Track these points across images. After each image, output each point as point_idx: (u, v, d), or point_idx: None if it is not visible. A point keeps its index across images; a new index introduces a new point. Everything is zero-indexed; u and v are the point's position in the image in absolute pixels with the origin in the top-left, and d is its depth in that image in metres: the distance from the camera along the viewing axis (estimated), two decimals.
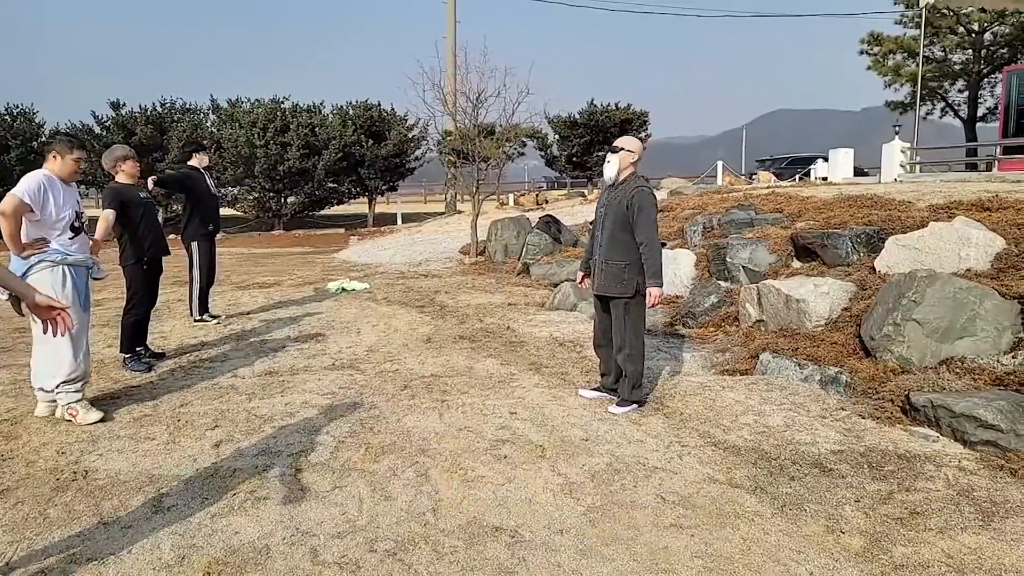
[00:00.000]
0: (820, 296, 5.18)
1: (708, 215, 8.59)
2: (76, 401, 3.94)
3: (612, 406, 4.21)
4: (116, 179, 5.30)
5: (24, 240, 3.76)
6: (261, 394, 4.55)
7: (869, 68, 28.85)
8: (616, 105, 28.46)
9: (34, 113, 24.46)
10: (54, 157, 3.92)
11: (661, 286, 4.03)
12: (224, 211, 11.51)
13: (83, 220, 4.05)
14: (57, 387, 3.91)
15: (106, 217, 5.07)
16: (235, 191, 24.97)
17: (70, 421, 3.92)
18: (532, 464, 3.42)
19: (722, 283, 6.64)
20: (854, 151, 18.51)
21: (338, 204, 27.40)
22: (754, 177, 22.61)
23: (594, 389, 4.49)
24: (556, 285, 8.18)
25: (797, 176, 21.15)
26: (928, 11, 17.09)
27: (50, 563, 2.55)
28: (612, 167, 4.17)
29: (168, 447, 3.64)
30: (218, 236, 7.03)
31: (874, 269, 5.58)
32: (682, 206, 10.08)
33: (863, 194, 7.99)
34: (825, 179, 17.83)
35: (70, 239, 3.92)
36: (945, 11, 22.81)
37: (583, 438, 3.76)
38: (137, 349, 5.24)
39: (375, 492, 3.13)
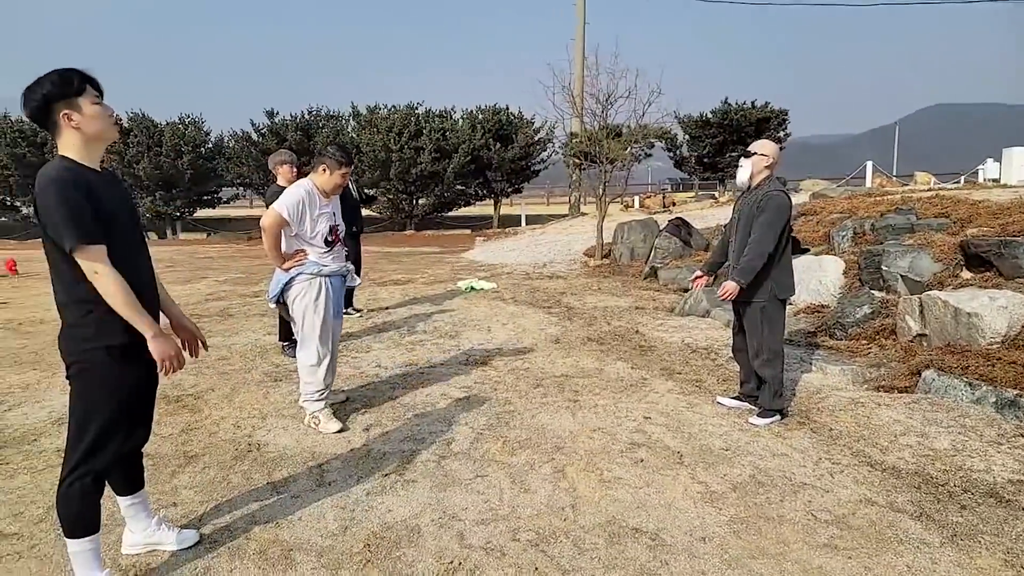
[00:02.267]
0: (997, 310, 4.69)
1: (859, 219, 8.02)
2: (320, 411, 3.93)
3: (753, 417, 4.07)
4: (277, 181, 5.74)
5: (285, 251, 3.80)
6: (403, 384, 4.78)
7: None
8: (752, 103, 27.22)
9: (203, 122, 27.10)
10: (323, 171, 3.84)
11: (740, 286, 3.91)
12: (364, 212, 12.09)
13: (339, 233, 3.99)
14: (304, 392, 3.94)
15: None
16: (372, 192, 26.35)
17: (314, 427, 3.92)
18: (670, 470, 3.37)
19: (876, 293, 6.19)
20: None
21: (465, 206, 28.21)
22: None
23: (733, 398, 4.35)
24: (686, 290, 7.98)
25: (962, 179, 19.29)
26: None
27: (234, 522, 2.84)
28: (745, 171, 4.07)
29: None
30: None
31: None
32: (828, 209, 9.48)
33: None
34: (996, 181, 16.17)
35: (325, 252, 3.87)
36: None
37: (723, 447, 3.65)
38: (293, 337, 5.65)
39: (515, 484, 3.20)
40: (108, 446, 2.21)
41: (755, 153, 4.02)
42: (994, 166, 18.47)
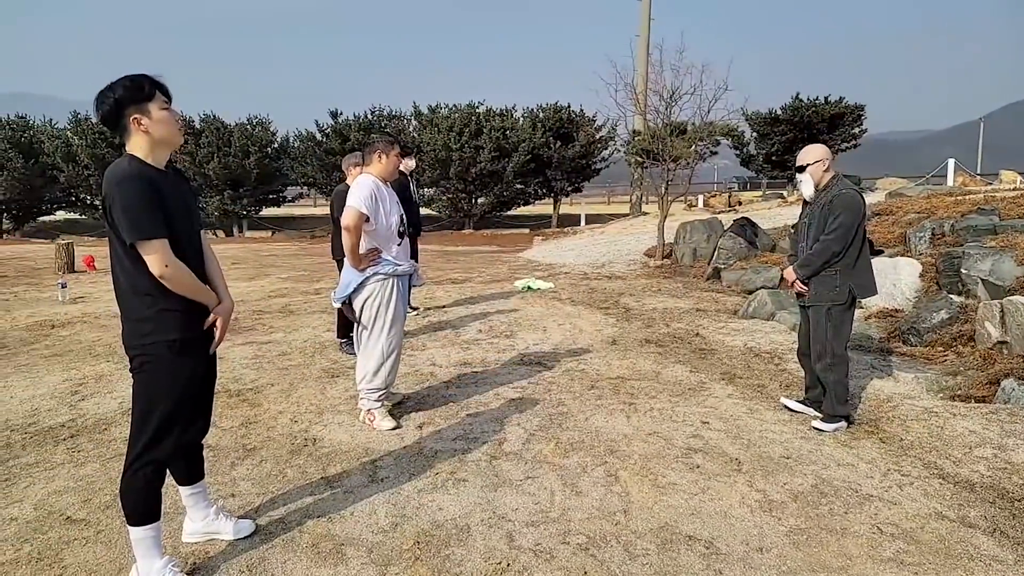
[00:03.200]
0: None
1: (938, 220, 7.63)
2: (376, 407, 3.95)
3: (817, 422, 3.93)
4: (346, 180, 5.84)
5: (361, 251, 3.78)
6: (457, 383, 4.82)
7: None
8: (825, 99, 26.19)
9: (269, 122, 28.07)
10: (379, 158, 3.85)
11: (801, 279, 3.92)
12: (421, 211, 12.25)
13: (406, 225, 4.00)
14: (362, 389, 3.95)
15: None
16: (431, 192, 26.72)
17: (368, 424, 3.95)
18: (727, 477, 3.27)
19: (954, 297, 5.86)
20: None
21: (524, 205, 28.28)
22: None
23: (799, 401, 4.20)
24: (751, 292, 7.75)
25: None
26: None
27: (288, 515, 2.91)
28: (808, 184, 3.98)
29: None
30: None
31: None
32: (904, 209, 9.05)
33: None
34: None
35: (398, 245, 3.88)
36: None
37: (783, 455, 3.52)
38: (351, 335, 5.77)
39: (566, 486, 3.17)
40: (169, 437, 2.29)
41: (808, 165, 3.95)
42: None
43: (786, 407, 4.19)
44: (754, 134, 27.54)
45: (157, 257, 2.13)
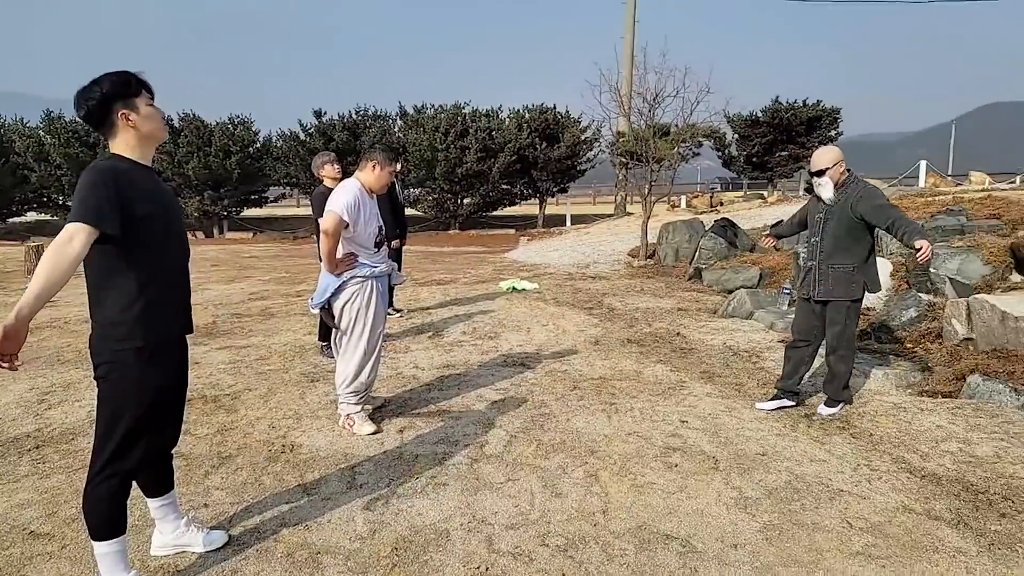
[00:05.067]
0: None
1: None
2: (356, 412, 3.95)
3: (821, 407, 4.19)
4: (323, 183, 5.85)
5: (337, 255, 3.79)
6: (439, 385, 4.85)
7: None
8: (803, 102, 26.58)
9: (251, 122, 27.85)
10: (373, 167, 3.86)
11: (927, 242, 3.65)
12: (406, 211, 12.26)
13: (384, 234, 4.01)
14: (342, 394, 3.94)
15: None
16: (416, 192, 26.68)
17: (347, 428, 3.94)
18: (704, 475, 3.34)
19: (923, 295, 6.00)
20: None
21: (510, 205, 28.29)
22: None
23: (772, 399, 4.29)
24: (731, 292, 7.85)
25: (1017, 179, 18.51)
26: None
27: (263, 524, 2.90)
28: (827, 188, 4.04)
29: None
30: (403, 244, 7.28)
31: None
32: None
33: None
34: None
35: (374, 253, 3.90)
36: None
37: (759, 452, 3.60)
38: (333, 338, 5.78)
39: (546, 488, 3.22)
40: (136, 447, 2.22)
41: (827, 168, 4.02)
42: None
43: (762, 410, 4.27)
44: (735, 136, 27.82)
45: (68, 236, 1.97)
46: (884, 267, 6.77)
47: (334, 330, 3.97)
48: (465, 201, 26.36)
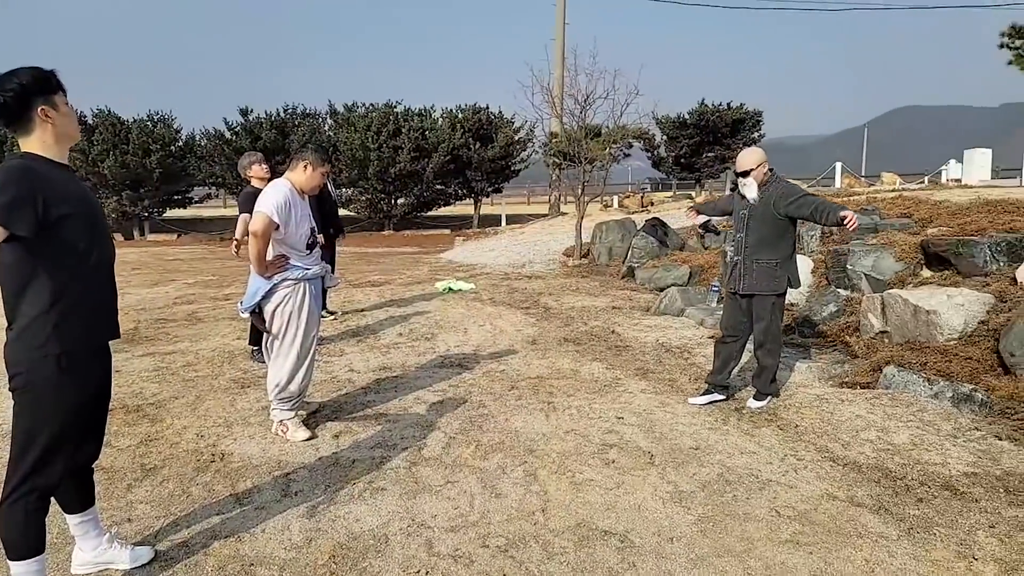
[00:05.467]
0: (954, 308, 4.81)
1: None
2: (289, 418, 3.86)
3: (750, 400, 4.33)
4: (251, 184, 5.68)
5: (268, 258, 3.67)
6: (376, 388, 4.77)
7: (1011, 63, 26.26)
8: (728, 105, 27.52)
9: (172, 119, 26.72)
10: (305, 168, 3.76)
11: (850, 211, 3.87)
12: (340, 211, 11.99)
13: (316, 235, 3.93)
14: (274, 400, 3.84)
15: (244, 219, 5.40)
16: (349, 192, 26.21)
17: (281, 435, 3.84)
18: (641, 470, 3.40)
19: (842, 291, 6.31)
20: (991, 152, 17.04)
21: (445, 206, 28.15)
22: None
23: (704, 394, 4.41)
24: (662, 290, 8.04)
25: (926, 179, 19.77)
26: None
27: (192, 537, 2.79)
28: (752, 188, 4.18)
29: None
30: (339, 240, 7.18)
31: (1015, 280, 5.14)
32: None
33: (1004, 198, 7.35)
34: (958, 181, 16.52)
35: (306, 255, 3.80)
36: None
37: (692, 447, 3.69)
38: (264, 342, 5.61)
39: (486, 489, 3.21)
40: (55, 462, 2.12)
41: (752, 169, 4.16)
42: (956, 167, 18.87)
43: (695, 405, 4.38)
44: (664, 137, 28.53)
45: None
46: (805, 264, 7.08)
47: (265, 334, 3.84)
48: (399, 201, 26.08)
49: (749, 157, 4.20)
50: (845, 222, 3.78)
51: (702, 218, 4.92)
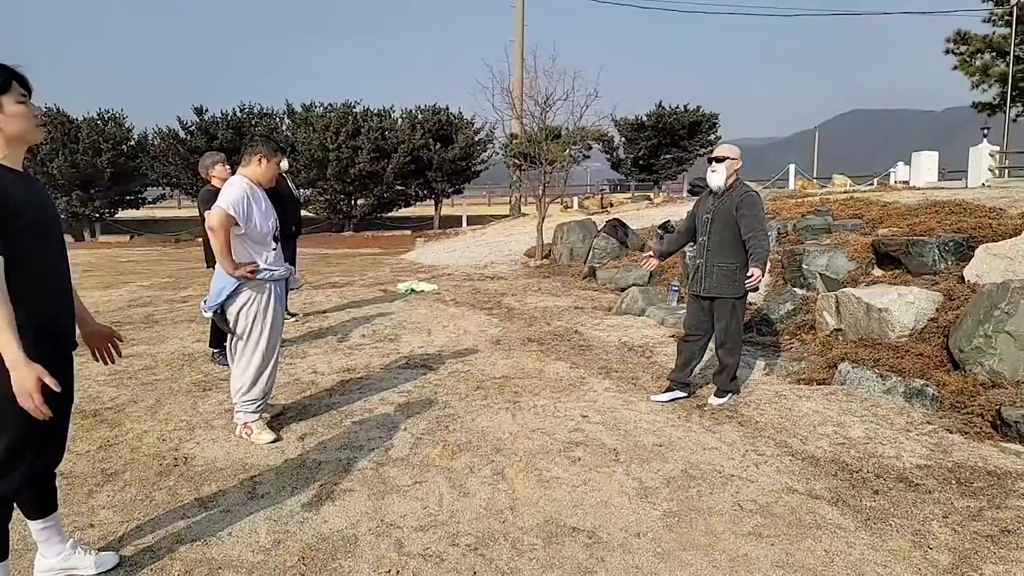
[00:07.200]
0: (905, 305, 5.00)
1: (782, 220, 8.39)
2: (254, 420, 3.81)
3: (711, 398, 4.41)
4: (211, 183, 5.58)
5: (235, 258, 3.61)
6: (340, 390, 4.73)
7: (955, 68, 27.40)
8: (685, 107, 28.04)
9: (124, 118, 25.97)
10: (260, 161, 3.74)
11: (763, 270, 4.03)
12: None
13: (279, 229, 3.89)
14: (238, 402, 3.80)
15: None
16: (308, 193, 25.87)
17: (245, 438, 3.79)
18: (606, 468, 3.45)
19: (797, 290, 6.50)
20: (937, 154, 17.72)
21: (405, 206, 28.03)
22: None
23: (666, 391, 4.50)
24: (623, 289, 8.15)
25: (875, 181, 20.46)
26: (1020, 8, 16.21)
27: (158, 542, 2.73)
28: (719, 176, 4.24)
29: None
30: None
31: (963, 278, 5.37)
32: None
33: (950, 200, 7.67)
34: (906, 183, 17.13)
35: (272, 251, 3.75)
36: None
37: (656, 443, 3.76)
38: (224, 344, 5.50)
39: (454, 488, 3.22)
40: (16, 469, 2.08)
41: (727, 158, 4.23)
42: (904, 169, 19.57)
43: (657, 402, 4.46)
44: (623, 139, 28.92)
45: None
46: None
47: (229, 336, 3.78)
48: (359, 202, 25.85)
49: (728, 148, 4.32)
50: (750, 280, 3.96)
51: (654, 262, 4.81)
